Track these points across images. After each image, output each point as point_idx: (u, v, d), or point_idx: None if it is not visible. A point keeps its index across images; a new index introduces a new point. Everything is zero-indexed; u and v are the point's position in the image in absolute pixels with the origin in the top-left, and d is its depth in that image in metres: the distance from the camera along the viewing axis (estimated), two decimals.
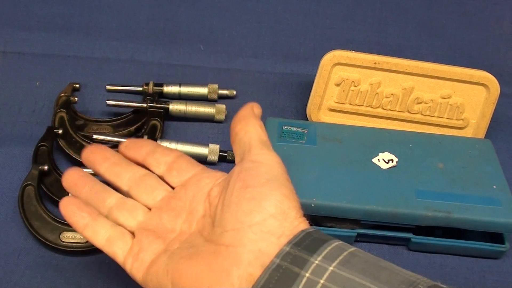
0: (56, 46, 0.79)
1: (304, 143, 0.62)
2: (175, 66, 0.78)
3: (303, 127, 0.64)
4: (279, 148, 0.60)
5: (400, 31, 0.81)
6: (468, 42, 0.81)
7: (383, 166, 0.60)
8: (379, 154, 0.61)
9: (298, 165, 0.59)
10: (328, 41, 0.80)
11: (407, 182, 0.58)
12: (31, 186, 0.59)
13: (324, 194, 0.56)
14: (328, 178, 0.58)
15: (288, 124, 0.64)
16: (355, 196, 0.57)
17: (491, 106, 0.68)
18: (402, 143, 0.63)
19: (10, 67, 0.76)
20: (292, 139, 0.62)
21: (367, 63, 0.67)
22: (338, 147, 0.62)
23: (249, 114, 0.47)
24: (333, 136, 0.63)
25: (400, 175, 0.59)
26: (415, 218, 0.56)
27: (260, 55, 0.80)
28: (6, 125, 0.69)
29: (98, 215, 0.46)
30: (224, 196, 0.42)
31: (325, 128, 0.64)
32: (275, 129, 0.63)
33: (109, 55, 0.79)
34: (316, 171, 0.58)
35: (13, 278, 0.55)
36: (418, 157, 0.61)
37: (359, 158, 0.60)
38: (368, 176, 0.59)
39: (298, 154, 0.60)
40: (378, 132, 0.65)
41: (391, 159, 0.60)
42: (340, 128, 0.65)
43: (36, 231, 0.57)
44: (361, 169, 0.59)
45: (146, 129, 0.67)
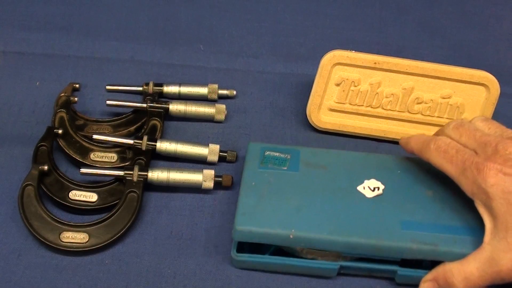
0: (56, 46, 0.79)
1: (286, 169, 0.59)
2: (175, 66, 0.78)
3: (286, 153, 0.61)
4: (260, 174, 0.58)
5: (400, 31, 0.81)
6: (468, 42, 0.81)
7: (368, 194, 0.56)
8: (364, 181, 0.57)
9: (278, 193, 0.56)
10: (328, 41, 0.80)
11: (392, 212, 0.55)
12: (31, 186, 0.59)
13: (303, 225, 0.53)
14: (308, 207, 0.55)
15: (271, 150, 0.61)
16: (337, 227, 0.53)
17: (491, 106, 0.68)
18: (390, 169, 0.60)
19: (10, 67, 0.76)
20: (274, 165, 0.59)
21: (367, 63, 0.67)
22: (322, 174, 0.59)
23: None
24: (317, 162, 0.60)
25: (385, 205, 0.56)
26: (399, 251, 0.53)
27: (260, 55, 0.80)
28: (6, 125, 0.69)
29: None
30: None
31: (309, 154, 0.61)
32: (257, 154, 0.60)
33: (109, 55, 0.79)
34: (297, 200, 0.55)
35: (13, 278, 0.55)
36: (406, 184, 0.58)
37: (344, 186, 0.57)
38: (351, 206, 0.55)
39: (279, 181, 0.57)
40: (366, 157, 0.61)
41: (377, 186, 0.57)
42: (325, 154, 0.61)
43: (36, 231, 0.57)
44: (345, 198, 0.56)
45: (146, 129, 0.67)
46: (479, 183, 0.48)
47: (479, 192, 0.49)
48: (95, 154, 0.65)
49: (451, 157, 0.51)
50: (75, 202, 0.60)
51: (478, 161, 0.49)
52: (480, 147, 0.50)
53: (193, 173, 0.61)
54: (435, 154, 0.53)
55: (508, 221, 0.47)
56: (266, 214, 0.54)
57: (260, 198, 0.55)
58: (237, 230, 0.53)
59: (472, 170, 0.49)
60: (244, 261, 0.55)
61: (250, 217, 0.53)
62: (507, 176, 0.47)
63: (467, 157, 0.50)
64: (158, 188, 0.62)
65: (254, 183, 0.57)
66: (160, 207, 0.62)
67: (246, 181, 0.57)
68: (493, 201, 0.48)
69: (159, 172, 0.61)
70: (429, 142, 0.54)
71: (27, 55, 0.78)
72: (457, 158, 0.51)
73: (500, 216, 0.48)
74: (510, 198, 0.47)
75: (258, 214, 0.54)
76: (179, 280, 0.56)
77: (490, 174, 0.48)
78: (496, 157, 0.48)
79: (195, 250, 0.58)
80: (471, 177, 0.49)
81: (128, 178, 0.60)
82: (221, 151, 0.65)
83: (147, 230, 0.59)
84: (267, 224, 0.53)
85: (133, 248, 0.58)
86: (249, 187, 0.57)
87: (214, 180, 0.61)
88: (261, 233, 0.53)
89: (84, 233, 0.57)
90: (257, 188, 0.56)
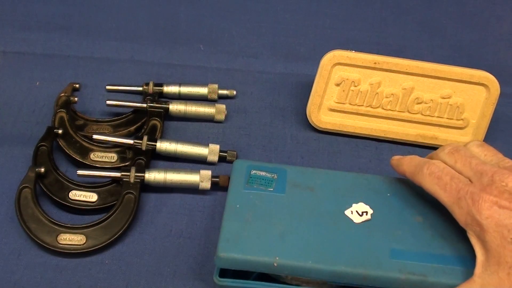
0: (56, 46, 0.79)
1: (272, 190, 0.56)
2: (175, 66, 0.78)
3: (273, 172, 0.58)
4: (245, 196, 0.55)
5: (400, 31, 0.81)
6: (468, 42, 0.81)
7: (356, 219, 0.54)
8: (352, 205, 0.55)
9: (263, 217, 0.54)
10: (328, 41, 0.80)
11: (381, 239, 0.53)
12: (27, 188, 0.59)
13: (288, 252, 0.51)
14: (294, 233, 0.52)
15: (257, 168, 0.58)
16: (322, 255, 0.51)
17: (491, 106, 0.68)
18: (379, 191, 0.57)
19: (10, 67, 0.76)
20: (260, 185, 0.57)
21: (367, 63, 0.67)
22: (309, 196, 0.56)
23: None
24: (304, 183, 0.57)
25: (374, 231, 0.53)
26: (387, 281, 0.50)
27: (260, 55, 0.80)
28: (6, 125, 0.69)
29: None
30: None
31: (297, 174, 0.58)
32: (243, 173, 0.58)
33: (109, 55, 0.79)
34: (282, 225, 0.53)
35: (13, 278, 0.55)
36: (396, 208, 0.56)
37: (331, 209, 0.55)
38: (339, 232, 0.53)
39: (265, 203, 0.55)
40: (355, 178, 0.59)
41: (365, 211, 0.55)
42: (313, 173, 0.59)
43: (33, 233, 0.56)
44: (332, 223, 0.53)
45: (146, 129, 0.67)
46: (473, 214, 0.47)
47: (473, 223, 0.47)
48: (95, 154, 0.65)
49: (445, 184, 0.49)
50: (75, 202, 0.60)
51: (474, 191, 0.47)
52: (475, 176, 0.48)
53: (190, 173, 0.61)
54: (428, 179, 0.51)
55: (501, 255, 0.46)
56: (249, 240, 0.51)
57: (244, 223, 0.53)
58: (220, 256, 0.51)
59: (467, 200, 0.47)
60: (227, 286, 0.52)
61: (233, 244, 0.51)
62: (502, 209, 0.46)
63: (461, 186, 0.48)
64: (157, 188, 0.62)
65: (238, 205, 0.54)
66: (160, 207, 0.62)
67: (231, 203, 0.55)
68: (487, 233, 0.46)
69: (156, 173, 0.61)
70: (423, 166, 0.52)
71: (27, 55, 0.78)
72: (451, 186, 0.49)
73: (493, 250, 0.46)
74: (504, 232, 0.45)
75: (241, 240, 0.51)
76: (179, 279, 0.56)
77: (485, 206, 0.46)
78: (492, 188, 0.46)
79: (195, 249, 0.58)
80: (465, 207, 0.47)
81: (125, 180, 0.60)
82: (221, 151, 0.66)
83: (147, 230, 0.59)
84: (251, 251, 0.51)
85: (133, 248, 0.58)
86: (233, 210, 0.54)
87: (211, 181, 0.61)
88: (244, 260, 0.51)
89: (81, 235, 0.57)
90: (241, 211, 0.54)
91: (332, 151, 0.69)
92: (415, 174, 0.53)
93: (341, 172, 0.60)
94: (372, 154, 0.69)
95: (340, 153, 0.69)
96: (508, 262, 0.45)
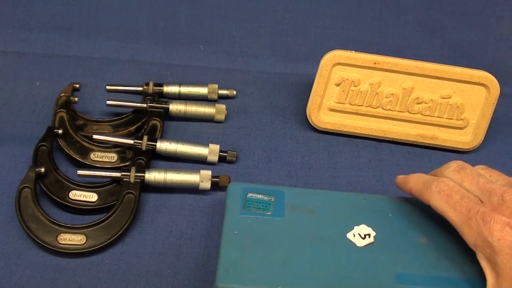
0: (56, 46, 0.79)
1: (270, 215, 0.54)
2: (175, 66, 0.78)
3: (270, 195, 0.56)
4: (243, 221, 0.53)
5: (400, 31, 0.81)
6: (468, 42, 0.81)
7: (359, 243, 0.52)
8: (354, 228, 0.53)
9: (263, 243, 0.51)
10: (328, 41, 0.80)
11: (386, 263, 0.51)
12: (28, 188, 0.59)
13: (291, 280, 0.49)
14: (295, 259, 0.50)
15: (253, 191, 0.56)
16: (327, 281, 0.49)
17: (491, 106, 0.68)
18: (380, 212, 0.55)
19: (10, 67, 0.77)
20: (257, 209, 0.54)
21: (367, 63, 0.67)
22: (309, 220, 0.54)
23: None
24: (303, 205, 0.55)
25: (378, 255, 0.51)
26: None
27: (260, 55, 0.80)
28: (6, 125, 0.69)
29: None
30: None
31: (294, 195, 0.56)
32: (239, 197, 0.55)
33: (109, 55, 0.79)
34: (283, 251, 0.51)
35: (13, 278, 0.55)
36: (399, 230, 0.54)
37: (332, 233, 0.52)
38: (342, 257, 0.51)
39: (264, 229, 0.52)
40: (354, 199, 0.56)
41: (368, 233, 0.53)
42: (312, 195, 0.57)
43: (33, 233, 0.56)
44: (335, 248, 0.51)
45: (146, 129, 0.67)
46: (485, 236, 0.45)
47: (483, 245, 0.45)
48: (95, 154, 0.65)
49: (454, 203, 0.48)
50: (75, 202, 0.60)
51: (485, 211, 0.45)
52: (484, 195, 0.47)
53: (190, 173, 0.61)
54: (437, 197, 0.49)
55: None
56: (250, 269, 0.49)
57: (244, 250, 0.50)
58: (219, 287, 0.48)
59: (478, 220, 0.45)
60: None
61: (233, 273, 0.49)
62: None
63: (472, 205, 0.46)
64: (157, 188, 0.62)
65: (236, 231, 0.52)
66: (160, 207, 0.62)
67: (228, 230, 0.52)
68: (498, 256, 0.44)
69: (156, 173, 0.61)
70: (431, 184, 0.50)
71: (27, 55, 0.78)
72: (462, 205, 0.47)
73: (505, 273, 0.44)
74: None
75: (241, 269, 0.49)
76: (179, 280, 0.56)
77: (497, 227, 0.44)
78: (503, 208, 0.45)
79: (195, 249, 0.58)
80: (476, 228, 0.46)
81: (125, 180, 0.60)
82: (221, 151, 0.66)
83: (147, 230, 0.59)
84: (252, 281, 0.48)
85: (133, 248, 0.58)
86: (231, 236, 0.51)
87: (211, 181, 0.61)
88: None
89: (81, 235, 0.57)
90: (239, 237, 0.51)
91: (332, 151, 0.69)
92: (423, 192, 0.51)
93: (340, 193, 0.59)
94: (372, 154, 0.69)
95: (340, 153, 0.69)
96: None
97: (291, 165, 0.67)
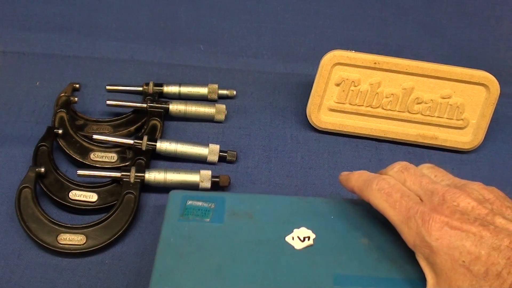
0: (56, 46, 0.79)
1: (208, 221, 0.52)
2: (175, 66, 0.78)
3: (210, 202, 0.54)
4: (180, 228, 0.52)
5: (400, 31, 0.81)
6: (468, 42, 0.81)
7: (298, 246, 0.50)
8: (294, 231, 0.51)
9: (199, 250, 0.50)
10: (328, 41, 0.80)
11: (324, 265, 0.49)
12: (28, 188, 0.59)
13: (225, 284, 0.47)
14: (231, 264, 0.49)
15: (193, 199, 0.55)
16: (262, 285, 0.48)
17: (491, 106, 0.68)
18: (322, 214, 0.53)
19: (10, 67, 0.77)
20: (196, 216, 0.53)
21: (367, 63, 0.67)
22: (248, 225, 0.52)
23: None
24: (244, 210, 0.53)
25: (316, 257, 0.50)
26: None
27: (260, 55, 0.80)
28: (6, 125, 0.69)
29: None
30: None
31: (236, 201, 0.55)
32: (178, 204, 0.54)
33: (109, 55, 0.79)
34: (219, 257, 0.49)
35: (13, 278, 0.55)
36: (340, 231, 0.52)
37: (271, 237, 0.51)
38: (279, 260, 0.49)
39: (202, 235, 0.51)
40: (297, 202, 0.55)
41: (307, 236, 0.51)
42: (253, 200, 0.55)
43: (33, 233, 0.56)
44: (272, 252, 0.50)
45: (146, 129, 0.67)
46: (423, 235, 0.44)
47: (422, 245, 0.44)
48: (95, 154, 0.65)
49: (394, 202, 0.46)
50: (75, 202, 0.60)
51: (424, 211, 0.44)
52: (426, 195, 0.46)
53: (190, 173, 0.61)
54: (377, 195, 0.48)
55: (451, 279, 0.43)
56: (184, 273, 0.48)
57: (179, 257, 0.49)
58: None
59: (417, 220, 0.44)
60: None
61: (167, 278, 0.47)
62: (453, 230, 0.43)
63: (412, 205, 0.45)
64: (157, 188, 0.62)
65: (172, 239, 0.51)
66: (160, 207, 0.61)
67: (164, 237, 0.51)
68: (437, 256, 0.43)
69: (156, 173, 0.61)
70: (372, 182, 0.48)
71: (27, 55, 0.78)
72: (401, 203, 0.46)
73: (443, 273, 0.43)
74: (455, 254, 0.42)
75: (176, 274, 0.48)
76: None
77: (436, 226, 0.43)
78: (443, 208, 0.44)
79: None
80: (415, 228, 0.44)
81: (125, 180, 0.60)
82: (221, 151, 0.66)
83: (147, 230, 0.59)
84: (185, 285, 0.47)
85: (133, 248, 0.58)
86: (167, 244, 0.50)
87: (211, 181, 0.62)
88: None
89: (81, 235, 0.57)
90: (175, 245, 0.50)
91: (332, 151, 0.69)
92: (363, 190, 0.49)
93: (281, 197, 0.58)
94: (372, 154, 0.69)
95: (340, 153, 0.69)
96: (460, 286, 0.42)
97: (291, 165, 0.67)
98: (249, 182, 0.65)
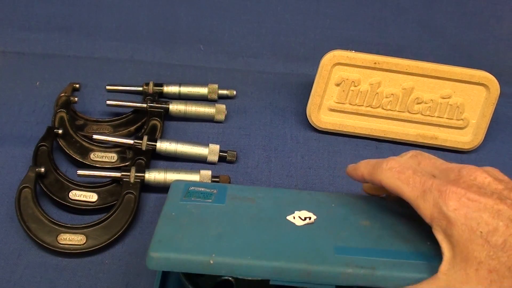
0: (56, 46, 0.79)
1: (211, 201, 0.52)
2: (175, 66, 0.78)
3: (212, 188, 0.55)
4: (181, 207, 0.51)
5: (400, 31, 0.81)
6: (468, 42, 0.81)
7: (299, 223, 0.50)
8: (295, 212, 0.51)
9: (199, 222, 0.49)
10: (328, 41, 0.80)
11: (325, 238, 0.49)
12: (28, 188, 0.59)
13: (225, 250, 0.47)
14: (232, 234, 0.48)
15: (196, 186, 0.55)
16: (262, 251, 0.47)
17: (491, 106, 0.68)
18: (324, 203, 0.53)
19: (10, 67, 0.77)
20: (197, 198, 0.53)
21: (367, 63, 0.67)
22: (250, 206, 0.52)
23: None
24: (245, 196, 0.54)
25: (317, 232, 0.49)
26: (333, 276, 0.46)
27: (260, 55, 0.80)
28: (6, 125, 0.69)
29: None
30: None
31: (237, 190, 0.55)
32: (180, 190, 0.54)
33: (109, 55, 0.79)
34: (220, 228, 0.49)
35: (13, 278, 0.55)
36: (340, 215, 0.52)
37: (272, 216, 0.51)
38: (280, 233, 0.49)
39: (202, 212, 0.51)
40: (298, 194, 0.55)
41: (308, 216, 0.51)
42: (255, 190, 0.55)
43: (33, 233, 0.56)
44: (273, 226, 0.50)
45: (146, 129, 0.67)
46: (440, 206, 0.43)
47: (439, 217, 0.44)
48: (95, 154, 0.65)
49: (407, 178, 0.46)
50: (75, 202, 0.60)
51: (440, 183, 0.44)
52: (441, 173, 0.46)
53: (190, 173, 0.61)
54: (388, 174, 0.47)
55: (469, 250, 0.43)
56: (184, 240, 0.47)
57: (180, 227, 0.49)
58: (151, 257, 0.46)
59: (433, 192, 0.44)
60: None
61: (166, 244, 0.47)
62: (471, 202, 0.43)
63: (425, 179, 0.45)
64: (157, 188, 0.62)
65: (174, 213, 0.50)
66: (160, 207, 0.61)
67: (166, 213, 0.50)
68: (454, 227, 0.43)
69: (156, 173, 0.61)
70: (381, 163, 0.48)
71: (27, 55, 0.78)
72: (415, 179, 0.46)
73: (461, 244, 0.43)
74: (473, 225, 0.42)
75: (175, 241, 0.47)
76: None
77: (453, 197, 0.43)
78: (459, 182, 0.44)
79: None
80: (431, 200, 0.44)
81: (125, 180, 0.60)
82: (221, 151, 0.66)
83: (147, 229, 0.59)
84: (185, 250, 0.47)
85: (133, 248, 0.58)
86: (168, 217, 0.50)
87: (211, 181, 0.61)
88: (178, 260, 0.46)
89: (81, 235, 0.57)
90: (177, 218, 0.50)
91: (332, 151, 0.69)
92: (373, 173, 0.49)
93: (283, 189, 0.58)
94: (372, 154, 0.69)
95: (340, 153, 0.69)
96: (477, 257, 0.42)
97: (291, 165, 0.67)
98: (249, 182, 0.65)
